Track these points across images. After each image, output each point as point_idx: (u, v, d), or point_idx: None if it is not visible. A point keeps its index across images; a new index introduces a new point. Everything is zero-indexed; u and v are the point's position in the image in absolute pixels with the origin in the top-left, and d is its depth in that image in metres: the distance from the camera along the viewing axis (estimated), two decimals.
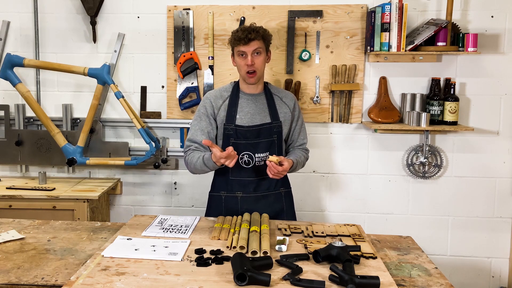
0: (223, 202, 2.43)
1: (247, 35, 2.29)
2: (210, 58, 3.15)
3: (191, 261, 1.77)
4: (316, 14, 3.08)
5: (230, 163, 2.15)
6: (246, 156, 2.39)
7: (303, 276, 1.64)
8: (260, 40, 2.34)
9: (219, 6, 3.12)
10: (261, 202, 2.40)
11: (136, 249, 1.86)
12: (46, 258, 1.87)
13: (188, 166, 2.38)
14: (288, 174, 2.47)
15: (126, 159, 3.04)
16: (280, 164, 2.24)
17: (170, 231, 2.08)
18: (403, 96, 3.12)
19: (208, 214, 2.50)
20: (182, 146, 3.23)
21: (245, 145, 2.38)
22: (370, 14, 2.98)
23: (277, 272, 1.67)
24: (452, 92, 3.02)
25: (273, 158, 2.22)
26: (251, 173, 2.40)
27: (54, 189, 3.01)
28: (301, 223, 2.25)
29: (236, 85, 2.47)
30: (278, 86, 2.61)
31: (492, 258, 3.24)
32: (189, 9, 3.13)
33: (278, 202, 2.46)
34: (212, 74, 3.16)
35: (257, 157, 2.39)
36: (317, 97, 3.13)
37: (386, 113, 3.08)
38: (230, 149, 2.13)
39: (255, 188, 2.41)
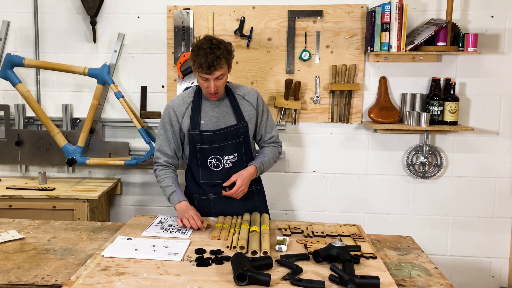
0: (196, 205, 2.42)
1: (210, 67, 2.20)
2: None
3: (191, 261, 1.77)
4: (316, 14, 3.08)
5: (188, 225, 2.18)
6: (214, 160, 2.39)
7: (303, 276, 1.64)
8: (223, 67, 2.25)
9: (219, 6, 3.12)
10: (234, 202, 2.40)
11: (136, 249, 1.86)
12: (46, 258, 1.87)
13: (156, 178, 2.46)
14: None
15: (126, 159, 3.05)
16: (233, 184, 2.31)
17: (170, 231, 2.08)
18: (403, 96, 3.12)
19: None
20: None
21: (212, 149, 2.38)
22: (370, 14, 2.98)
23: (277, 272, 1.67)
24: (452, 92, 3.02)
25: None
26: (220, 175, 2.40)
27: (54, 189, 3.01)
28: (301, 223, 2.25)
29: (198, 89, 2.43)
30: (239, 84, 2.55)
31: (492, 258, 3.24)
32: (189, 9, 3.13)
33: (251, 200, 2.46)
34: None
35: (226, 159, 2.39)
36: (317, 97, 3.13)
37: (386, 113, 3.08)
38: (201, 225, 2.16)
39: (226, 189, 2.40)
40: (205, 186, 2.43)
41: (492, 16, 3.06)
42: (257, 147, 2.61)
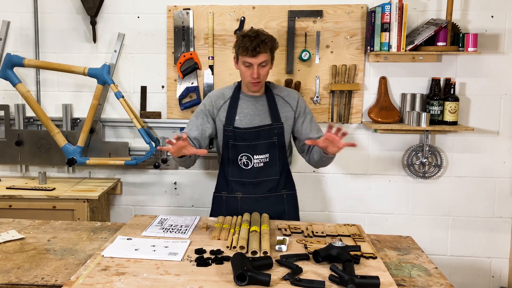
0: (224, 202, 2.43)
1: (255, 48, 2.23)
2: (210, 58, 3.15)
3: (191, 261, 1.77)
4: (316, 14, 3.08)
5: (175, 152, 2.09)
6: (244, 158, 2.39)
7: (303, 276, 1.64)
8: (267, 53, 2.28)
9: (219, 6, 3.12)
10: (262, 203, 2.39)
11: (136, 249, 1.86)
12: (46, 258, 1.87)
13: None
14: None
15: (126, 159, 3.04)
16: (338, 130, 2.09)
17: (170, 231, 2.08)
18: (403, 96, 3.12)
19: (211, 214, 2.50)
20: None
21: (243, 147, 2.38)
22: (370, 14, 2.98)
23: (277, 272, 1.67)
24: (452, 92, 3.02)
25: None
26: (250, 174, 2.40)
27: (54, 189, 3.01)
28: (301, 223, 2.25)
29: (238, 86, 2.46)
30: (281, 86, 2.56)
31: (492, 258, 3.24)
32: (189, 9, 3.13)
33: (280, 204, 2.44)
34: (212, 74, 3.16)
35: (256, 159, 2.38)
36: (317, 97, 3.13)
37: (386, 113, 3.08)
38: (181, 137, 2.04)
39: (254, 189, 2.41)
40: (233, 183, 2.42)
41: (492, 16, 3.06)
42: (294, 150, 2.57)
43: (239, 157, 2.38)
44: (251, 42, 2.24)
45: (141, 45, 3.20)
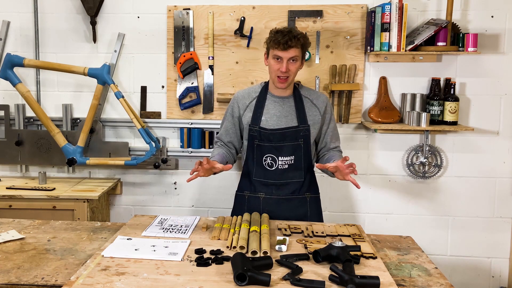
0: (246, 201, 2.43)
1: (287, 41, 2.23)
2: (210, 58, 3.15)
3: (191, 261, 1.77)
4: (316, 14, 3.08)
5: (205, 175, 2.13)
6: (269, 159, 2.37)
7: (303, 276, 1.64)
8: (299, 48, 2.27)
9: (219, 6, 3.12)
10: (284, 205, 2.38)
11: (136, 249, 1.86)
12: (46, 258, 1.87)
13: None
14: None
15: (126, 159, 3.04)
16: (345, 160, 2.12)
17: (170, 231, 2.08)
18: (403, 96, 3.12)
19: (233, 213, 2.50)
20: (182, 146, 3.23)
21: (268, 148, 2.36)
22: (370, 14, 2.98)
23: (277, 272, 1.67)
24: (452, 92, 3.02)
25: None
26: (274, 175, 2.38)
27: (54, 189, 3.01)
28: (301, 223, 2.25)
29: (265, 86, 2.44)
30: (310, 88, 2.55)
31: (492, 258, 3.24)
32: (189, 9, 3.13)
33: (302, 207, 2.42)
34: (212, 74, 3.16)
35: (281, 160, 2.37)
36: None
37: (386, 113, 3.08)
38: (203, 162, 2.08)
39: (278, 191, 2.39)
40: (257, 183, 2.41)
41: (492, 16, 3.06)
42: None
43: (264, 158, 2.37)
44: (283, 36, 2.24)
45: (141, 45, 3.20)
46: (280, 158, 2.36)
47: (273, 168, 2.38)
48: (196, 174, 2.12)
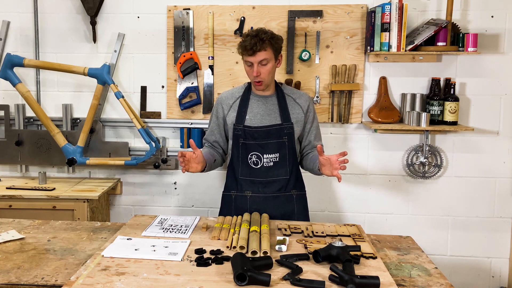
0: (233, 201, 2.44)
1: (253, 46, 2.25)
2: (210, 58, 3.15)
3: (191, 261, 1.77)
4: (316, 14, 3.08)
5: (186, 168, 2.19)
6: (254, 157, 2.39)
7: (303, 276, 1.64)
8: (267, 50, 2.28)
9: (219, 6, 3.12)
10: (271, 202, 2.40)
11: (136, 249, 1.86)
12: (46, 258, 1.87)
13: None
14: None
15: (126, 159, 3.04)
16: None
17: (170, 231, 2.08)
18: (403, 96, 3.12)
19: (220, 213, 2.51)
20: (182, 146, 3.23)
21: (253, 146, 2.38)
22: (370, 14, 2.98)
23: (277, 272, 1.67)
24: (452, 92, 3.02)
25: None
26: (259, 173, 2.40)
27: (54, 189, 3.01)
28: (301, 223, 2.25)
29: (248, 86, 2.48)
30: (294, 88, 2.55)
31: (492, 258, 3.24)
32: (189, 9, 3.13)
33: (289, 204, 2.44)
34: (212, 74, 3.16)
35: (266, 158, 2.39)
36: (317, 97, 3.13)
37: (386, 113, 3.08)
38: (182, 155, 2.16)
39: (264, 188, 2.41)
40: (243, 182, 2.42)
41: (492, 16, 3.06)
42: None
43: (249, 156, 2.39)
44: (250, 41, 2.26)
45: (141, 45, 3.20)
46: (265, 155, 2.38)
47: (258, 166, 2.39)
48: (183, 169, 2.19)
